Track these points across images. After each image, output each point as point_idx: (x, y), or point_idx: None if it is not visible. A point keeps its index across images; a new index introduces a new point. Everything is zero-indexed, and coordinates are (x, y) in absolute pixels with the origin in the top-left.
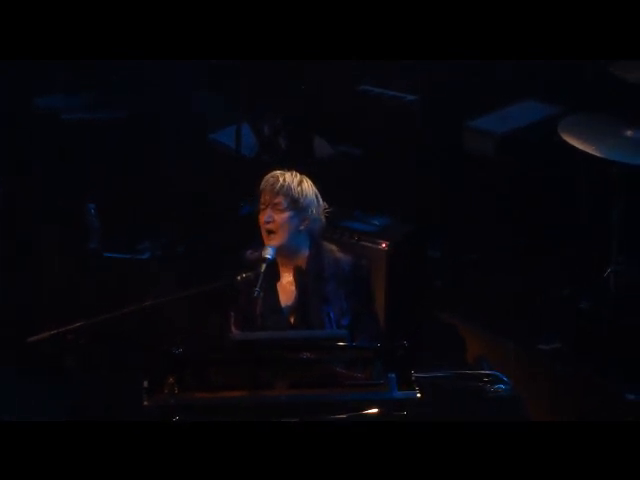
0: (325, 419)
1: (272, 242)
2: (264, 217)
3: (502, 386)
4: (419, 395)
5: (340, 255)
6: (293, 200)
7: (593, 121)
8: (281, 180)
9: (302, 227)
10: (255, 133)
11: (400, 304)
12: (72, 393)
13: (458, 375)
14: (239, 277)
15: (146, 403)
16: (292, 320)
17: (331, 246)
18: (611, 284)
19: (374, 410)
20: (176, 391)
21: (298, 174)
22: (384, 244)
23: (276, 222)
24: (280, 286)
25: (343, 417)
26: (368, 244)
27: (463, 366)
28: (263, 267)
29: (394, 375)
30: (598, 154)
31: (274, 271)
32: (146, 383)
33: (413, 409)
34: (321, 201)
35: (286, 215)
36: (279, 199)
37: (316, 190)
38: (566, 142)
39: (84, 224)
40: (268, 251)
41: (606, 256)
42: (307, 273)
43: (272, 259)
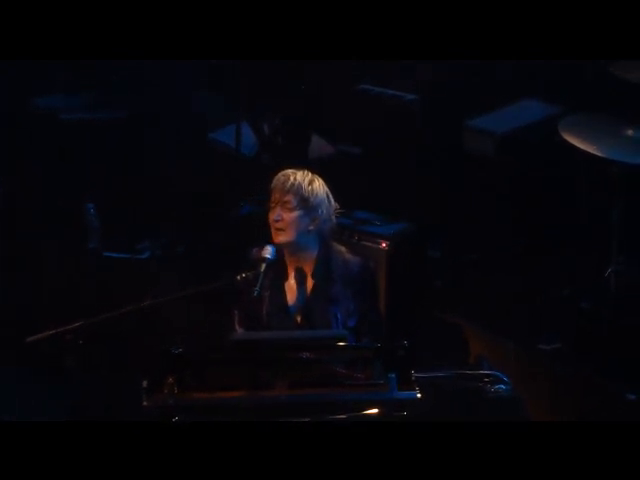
0: (325, 419)
1: (279, 239)
2: (273, 215)
3: (502, 386)
4: (419, 395)
5: (349, 257)
6: (303, 199)
7: (593, 121)
8: (292, 179)
9: (312, 227)
10: (255, 132)
11: (400, 304)
12: (72, 393)
13: (458, 375)
14: (239, 277)
15: (145, 403)
16: (299, 320)
17: (340, 247)
18: (611, 284)
19: (374, 410)
20: (175, 391)
21: (310, 173)
22: (384, 244)
23: (285, 220)
24: (287, 286)
25: (343, 417)
26: (368, 244)
27: (463, 366)
28: (263, 267)
29: (394, 375)
30: (598, 154)
31: (282, 271)
32: (145, 383)
33: (413, 409)
34: (332, 201)
35: (295, 214)
36: (289, 197)
37: (327, 190)
38: (566, 142)
39: (83, 224)
40: (268, 250)
41: (606, 256)
42: (315, 274)
43: (272, 259)
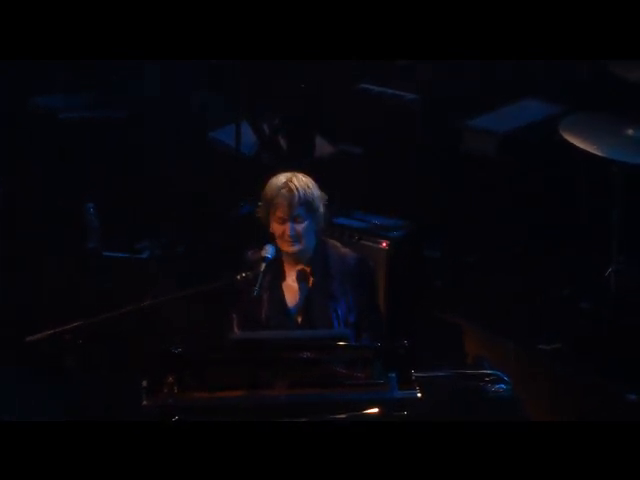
0: (325, 419)
1: (293, 249)
2: (287, 231)
3: (503, 386)
4: (419, 395)
5: (345, 251)
6: (309, 206)
7: (594, 120)
8: (295, 190)
9: (317, 228)
10: (255, 132)
11: (400, 303)
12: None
13: (458, 375)
14: (239, 277)
15: (145, 403)
16: (299, 319)
17: (335, 242)
18: (612, 284)
19: (374, 410)
20: (175, 391)
21: (299, 175)
22: (384, 243)
23: (298, 232)
24: (286, 286)
25: (343, 417)
26: (368, 243)
27: (463, 366)
28: (263, 266)
29: (394, 375)
30: (599, 153)
31: (279, 271)
32: (145, 383)
33: (413, 409)
34: (321, 193)
35: (306, 223)
36: (299, 211)
37: (315, 183)
38: (567, 141)
39: (83, 223)
40: (267, 250)
41: (607, 256)
42: (313, 271)
43: (272, 258)
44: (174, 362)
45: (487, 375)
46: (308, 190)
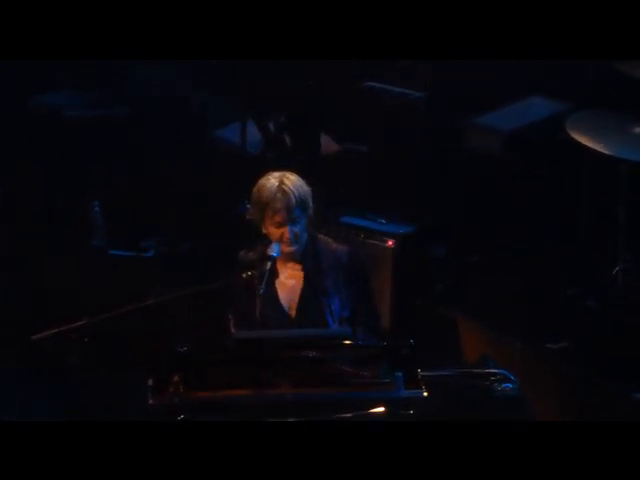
0: (331, 418)
1: (291, 249)
2: (286, 234)
3: (509, 385)
4: (425, 394)
5: (336, 246)
6: (304, 205)
7: (600, 118)
8: (290, 193)
9: (309, 223)
10: (260, 130)
11: (406, 302)
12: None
13: (465, 374)
14: (244, 275)
15: (151, 402)
16: (293, 316)
17: (326, 238)
18: (619, 282)
19: (380, 409)
20: (181, 390)
21: (288, 174)
22: (390, 242)
23: (297, 233)
24: (279, 283)
25: (349, 416)
26: (374, 242)
27: (470, 365)
28: (268, 265)
29: (400, 374)
30: (605, 151)
31: (272, 268)
32: (151, 382)
33: (419, 408)
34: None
35: (302, 223)
36: (297, 213)
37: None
38: (573, 139)
39: (88, 222)
40: (273, 248)
41: (614, 254)
42: (305, 267)
43: (277, 256)
44: (180, 361)
45: (493, 374)
46: (301, 189)
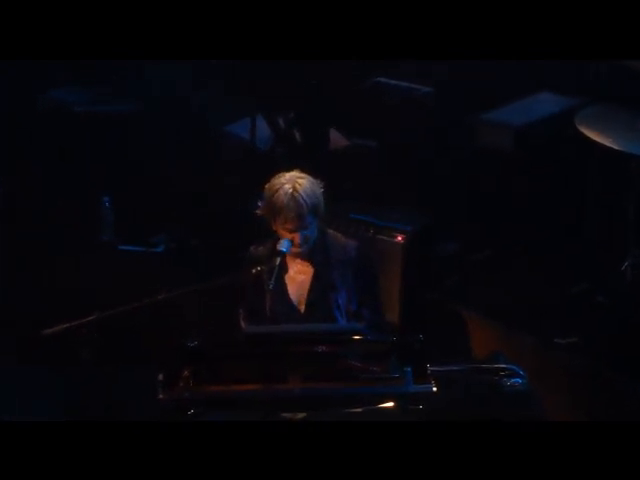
0: (340, 413)
1: (302, 250)
2: (297, 239)
3: (518, 380)
4: (435, 389)
5: (345, 241)
6: (316, 210)
7: (610, 113)
8: (301, 200)
9: (319, 221)
10: (270, 126)
11: (415, 297)
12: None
13: (474, 369)
14: (253, 270)
15: (161, 396)
16: (302, 310)
17: (335, 233)
18: (628, 277)
19: (390, 404)
20: (191, 384)
21: (300, 179)
22: (400, 237)
23: (307, 237)
24: (288, 277)
25: (358, 411)
26: (384, 237)
27: (479, 360)
28: (278, 260)
29: (410, 369)
30: (615, 147)
31: (282, 263)
32: (161, 376)
33: (428, 403)
34: (317, 181)
35: (313, 226)
36: (308, 220)
37: (312, 179)
38: (582, 135)
39: (98, 217)
40: (283, 244)
41: (623, 249)
42: (315, 262)
43: (287, 252)
44: (190, 356)
45: (502, 369)
46: (313, 195)
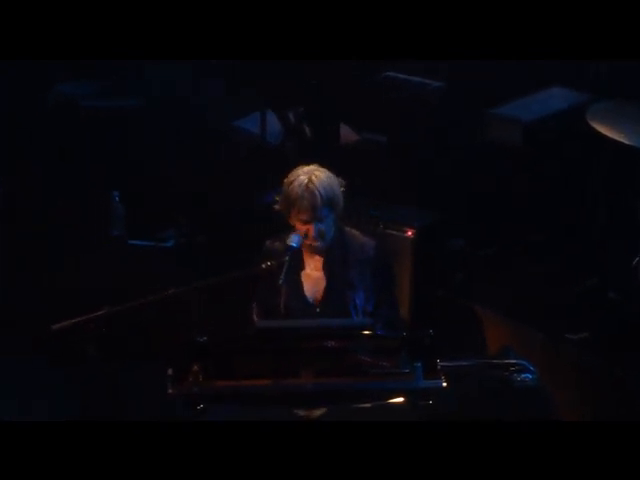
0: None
1: (317, 244)
2: (312, 232)
3: (529, 375)
4: (445, 384)
5: (364, 240)
6: (332, 203)
7: (622, 108)
8: (316, 192)
9: (337, 218)
10: (280, 120)
11: (425, 292)
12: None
13: (484, 364)
14: (264, 265)
15: (171, 391)
16: (318, 309)
17: (353, 231)
18: (639, 273)
19: (400, 399)
20: (200, 379)
21: (318, 172)
22: (410, 232)
23: (322, 231)
24: (305, 275)
25: (368, 406)
26: (394, 232)
27: (489, 355)
28: (288, 255)
29: (420, 364)
30: (626, 141)
31: (298, 260)
32: (170, 371)
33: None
34: (338, 180)
35: (330, 219)
36: (323, 212)
37: (332, 175)
38: (594, 129)
39: (108, 211)
40: (293, 239)
41: (634, 245)
42: (333, 260)
43: (297, 247)
44: (199, 350)
45: (513, 364)
46: (329, 188)
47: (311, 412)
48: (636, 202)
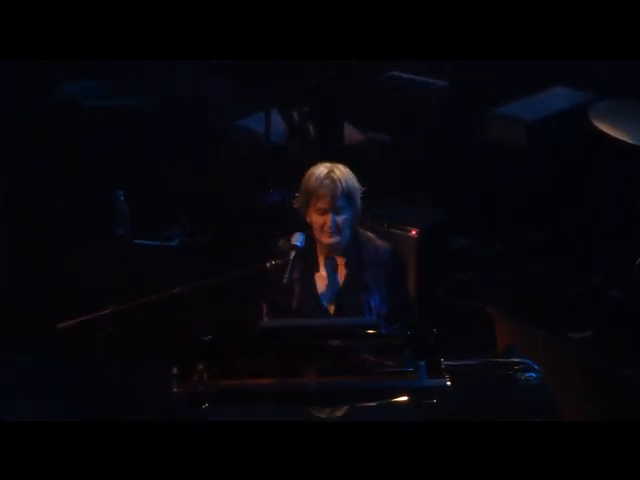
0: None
1: (332, 240)
2: (328, 222)
3: (532, 374)
4: (449, 383)
5: (379, 242)
6: (350, 197)
7: (624, 108)
8: (337, 181)
9: (354, 219)
10: (284, 120)
11: (429, 291)
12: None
13: (488, 363)
14: (269, 264)
15: (175, 390)
16: (331, 311)
17: (369, 234)
18: None
19: (403, 398)
20: (205, 378)
21: (340, 165)
22: (414, 231)
23: (339, 224)
24: (318, 276)
25: (372, 405)
26: (398, 231)
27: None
28: (292, 254)
29: (424, 363)
30: (629, 141)
31: (313, 261)
32: (175, 370)
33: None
34: (359, 184)
35: (347, 214)
36: (341, 202)
37: (354, 174)
38: (597, 129)
39: (113, 211)
40: (297, 238)
41: (637, 244)
42: (348, 262)
43: (301, 246)
44: (204, 349)
45: (516, 363)
46: (350, 181)
47: (333, 412)
48: (638, 201)
